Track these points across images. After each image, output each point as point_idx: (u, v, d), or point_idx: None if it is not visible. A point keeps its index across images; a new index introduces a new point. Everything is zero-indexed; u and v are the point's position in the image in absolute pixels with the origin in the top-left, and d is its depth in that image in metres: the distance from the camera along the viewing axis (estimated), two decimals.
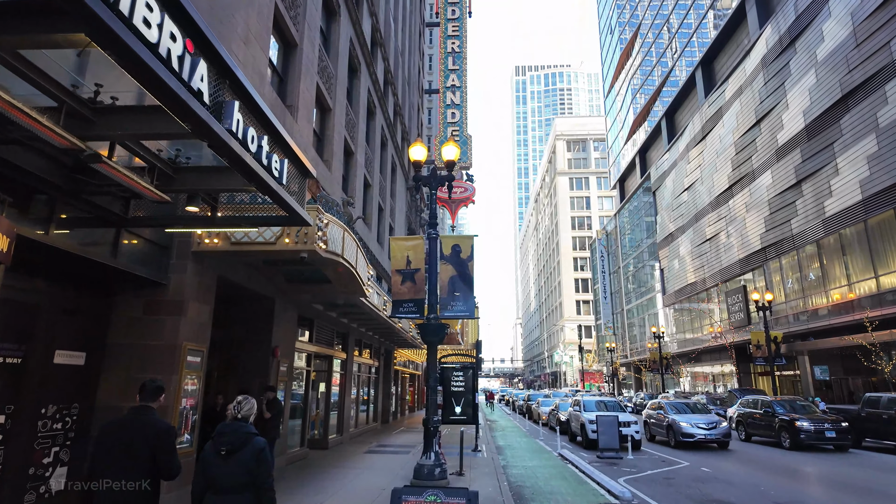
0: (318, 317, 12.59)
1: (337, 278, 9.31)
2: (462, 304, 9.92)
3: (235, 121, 4.05)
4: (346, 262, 8.33)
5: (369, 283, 10.63)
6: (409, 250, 10.10)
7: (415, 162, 10.11)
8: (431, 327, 9.14)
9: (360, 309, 12.26)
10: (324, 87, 13.41)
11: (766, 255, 30.09)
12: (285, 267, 8.98)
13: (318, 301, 11.29)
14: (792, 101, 27.29)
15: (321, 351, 13.07)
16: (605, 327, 61.97)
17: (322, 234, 7.12)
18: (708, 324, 39.41)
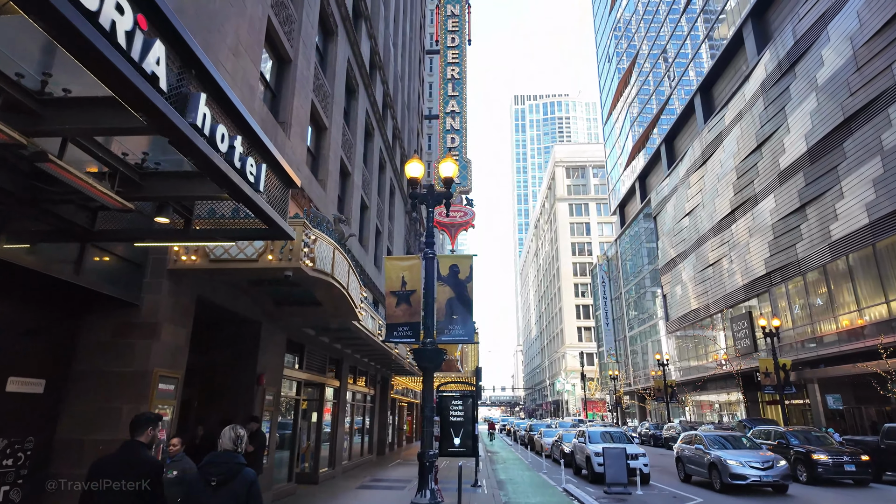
0: (309, 342, 11.99)
1: (328, 300, 8.77)
2: (460, 327, 9.35)
3: (201, 115, 3.58)
4: (336, 282, 7.81)
5: (362, 305, 10.08)
6: (404, 270, 9.57)
7: (411, 179, 9.66)
8: (427, 352, 8.55)
9: (353, 334, 11.67)
10: (319, 105, 13.10)
11: (770, 280, 29.53)
12: (271, 287, 8.44)
13: (308, 325, 10.70)
14: (793, 125, 27.14)
15: (312, 378, 12.42)
16: (608, 354, 60.96)
17: (309, 251, 6.62)
18: (713, 351, 38.59)
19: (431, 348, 8.55)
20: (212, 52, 7.52)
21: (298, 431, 11.76)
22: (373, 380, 19.81)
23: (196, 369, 8.91)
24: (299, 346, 11.64)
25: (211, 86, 3.76)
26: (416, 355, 8.64)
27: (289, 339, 10.73)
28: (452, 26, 43.59)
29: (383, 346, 14.35)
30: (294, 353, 11.57)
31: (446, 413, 12.95)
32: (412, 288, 9.56)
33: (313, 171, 13.23)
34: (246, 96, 8.71)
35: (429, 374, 8.80)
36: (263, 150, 4.68)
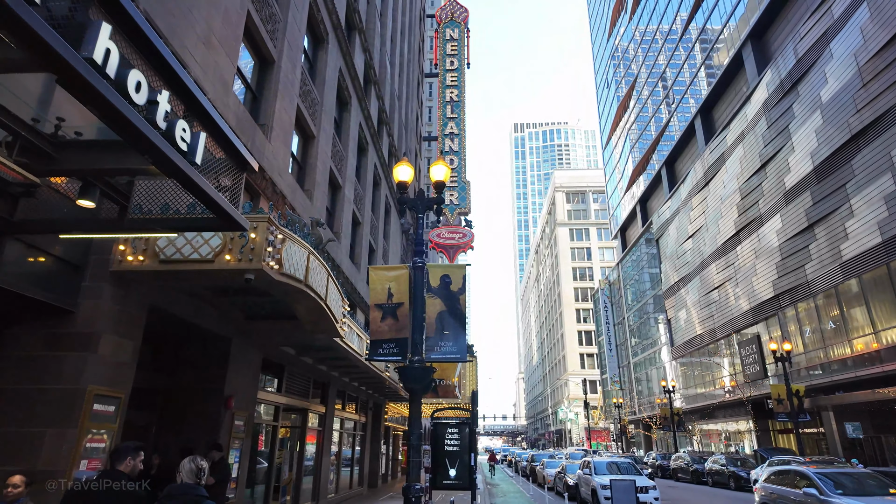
0: (289, 363, 11.04)
1: (304, 313, 7.90)
2: (452, 343, 8.45)
3: (103, 50, 2.81)
4: (310, 292, 6.95)
5: (345, 321, 9.19)
6: (390, 281, 8.73)
7: (400, 183, 8.91)
8: (413, 371, 7.64)
9: (338, 354, 10.74)
10: (306, 112, 12.45)
11: (779, 302, 28.55)
12: (240, 299, 7.58)
13: (287, 343, 9.79)
14: (798, 144, 26.59)
15: (293, 403, 11.43)
16: (612, 382, 59.42)
17: (274, 252, 5.79)
18: (720, 377, 37.31)
19: (418, 367, 7.65)
20: (176, 38, 6.84)
21: (276, 462, 10.72)
22: (364, 406, 18.71)
23: (156, 391, 7.99)
24: (278, 367, 10.70)
25: (122, 18, 2.99)
26: (401, 375, 7.73)
27: (265, 358, 9.80)
28: (451, 50, 43.65)
29: (374, 368, 13.39)
30: (272, 375, 10.62)
31: (441, 442, 11.92)
32: (399, 300, 8.70)
33: (299, 180, 12.50)
34: (219, 92, 8.01)
35: (416, 397, 7.87)
36: (204, 117, 3.89)
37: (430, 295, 8.72)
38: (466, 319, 27.04)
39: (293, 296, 7.03)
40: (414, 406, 7.88)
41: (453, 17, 45.12)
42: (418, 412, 7.88)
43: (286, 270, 6.15)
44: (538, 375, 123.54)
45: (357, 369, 13.25)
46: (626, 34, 61.16)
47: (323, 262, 7.63)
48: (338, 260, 14.30)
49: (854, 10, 22.79)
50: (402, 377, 7.70)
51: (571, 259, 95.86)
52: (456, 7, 45.38)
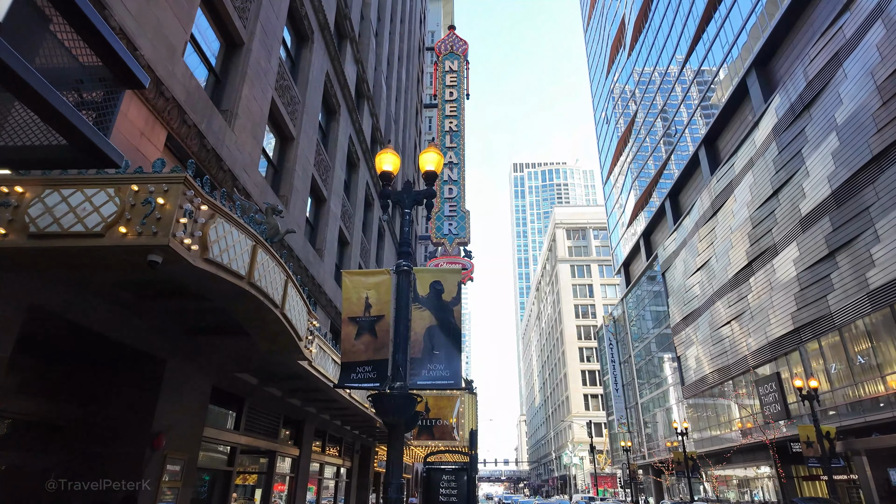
0: (251, 394, 9.25)
1: (255, 325, 6.23)
2: (444, 366, 6.73)
3: None
4: (257, 294, 5.32)
5: (313, 338, 7.49)
6: (368, 289, 7.09)
7: (383, 173, 7.42)
8: (394, 401, 5.90)
9: (309, 383, 8.97)
10: (284, 109, 11.09)
11: (800, 336, 26.67)
12: (171, 303, 5.92)
13: (243, 367, 8.03)
14: (813, 168, 25.34)
15: (256, 443, 9.56)
16: (619, 424, 56.54)
17: (194, 227, 4.19)
18: (736, 419, 34.96)
19: (398, 394, 5.92)
20: None
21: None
22: (349, 449, 16.64)
23: (59, 426, 6.21)
24: (235, 399, 8.90)
25: None
26: (376, 406, 5.99)
27: (217, 387, 8.04)
28: (451, 81, 43.24)
29: (356, 403, 11.54)
30: (227, 408, 8.82)
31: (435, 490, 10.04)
32: (379, 313, 7.05)
33: (273, 183, 11.03)
34: (160, 55, 6.58)
35: (396, 433, 6.11)
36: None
37: (418, 306, 7.08)
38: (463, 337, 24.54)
39: (233, 300, 5.38)
40: (394, 446, 6.12)
41: (452, 49, 44.91)
42: (399, 455, 6.11)
43: (215, 257, 4.53)
44: (540, 418, 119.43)
45: (337, 404, 11.40)
46: (626, 70, 61.31)
47: (279, 260, 6.02)
48: (319, 279, 12.67)
49: (868, 28, 21.94)
50: (378, 408, 5.96)
51: (573, 296, 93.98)
52: (455, 40, 45.26)
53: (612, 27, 66.98)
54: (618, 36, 64.10)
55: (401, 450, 6.19)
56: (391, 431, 6.16)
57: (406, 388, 6.05)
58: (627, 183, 60.19)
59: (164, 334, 6.57)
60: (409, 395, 5.88)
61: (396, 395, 5.83)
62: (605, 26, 70.99)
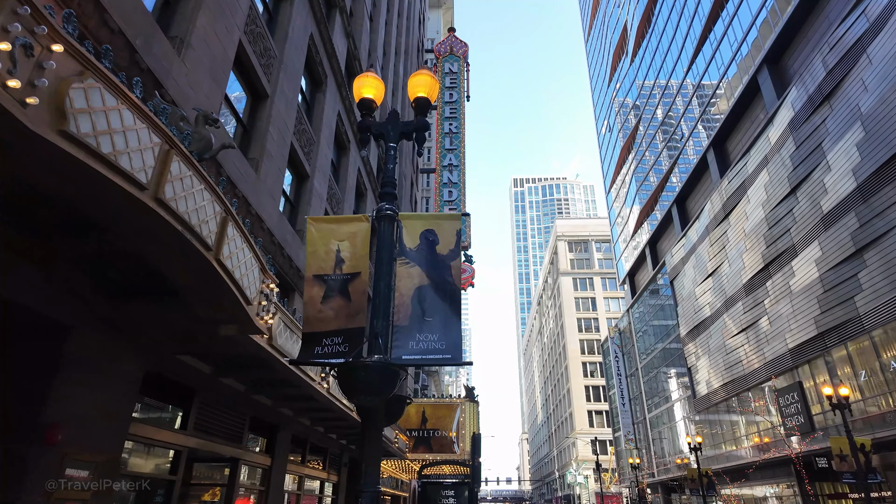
0: (204, 387, 7.55)
1: (187, 279, 4.61)
2: (438, 335, 5.08)
3: None
4: (164, 213, 3.71)
5: (269, 306, 5.84)
6: (340, 240, 5.47)
7: (363, 101, 5.89)
8: (366, 375, 4.24)
9: (274, 373, 7.28)
10: (256, 59, 9.59)
11: (824, 342, 24.90)
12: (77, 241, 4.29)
13: (182, 345, 6.31)
14: (835, 162, 23.85)
15: (212, 448, 7.83)
16: (626, 440, 54.31)
17: (32, 69, 2.60)
18: (753, 432, 32.99)
19: (374, 365, 4.26)
20: None
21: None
22: (336, 461, 14.79)
23: None
24: (182, 391, 7.21)
25: None
26: (341, 380, 4.32)
27: (154, 373, 6.36)
28: (450, 83, 42.21)
29: (341, 405, 9.83)
30: (171, 402, 7.12)
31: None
32: (353, 269, 5.43)
33: (242, 146, 9.47)
34: None
35: (372, 423, 4.45)
36: None
37: (405, 261, 5.45)
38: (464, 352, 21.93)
39: (133, 224, 3.78)
40: (369, 441, 4.45)
41: (452, 51, 43.96)
42: (375, 454, 4.44)
43: (80, 135, 2.93)
44: (543, 435, 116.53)
45: (317, 404, 9.68)
46: (628, 76, 60.38)
47: (214, 187, 4.41)
48: (299, 262, 11.05)
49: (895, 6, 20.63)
50: (345, 385, 4.29)
51: (576, 309, 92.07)
52: (455, 42, 44.31)
53: (613, 35, 66.29)
54: (620, 43, 63.33)
55: (378, 447, 4.52)
56: (365, 421, 4.49)
57: (387, 359, 4.40)
58: (631, 191, 58.83)
59: (73, 295, 4.93)
60: (387, 367, 4.22)
61: (371, 365, 4.17)
62: (606, 35, 70.37)
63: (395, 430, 15.78)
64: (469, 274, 33.77)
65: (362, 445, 4.46)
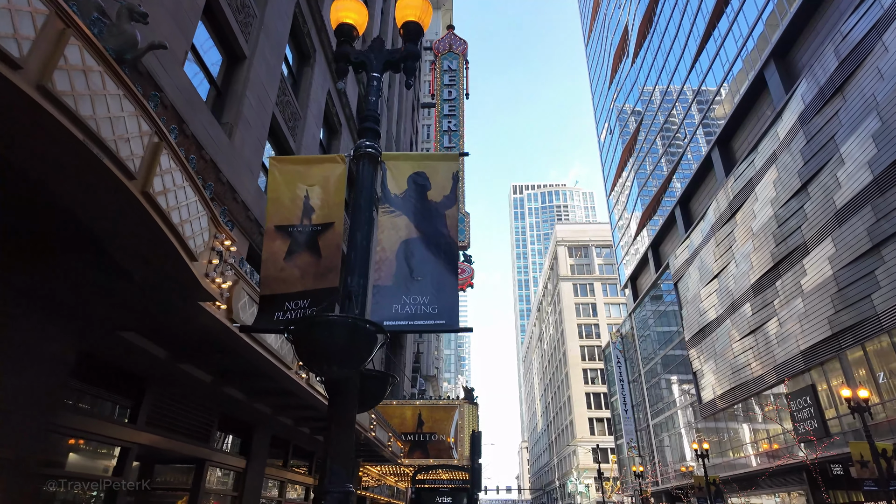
0: (159, 376, 6.50)
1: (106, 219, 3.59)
2: (429, 297, 4.06)
3: None
4: (58, 113, 2.69)
5: (221, 267, 4.80)
6: (309, 185, 4.45)
7: (341, 26, 4.90)
8: (332, 332, 3.18)
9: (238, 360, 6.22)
10: (231, 13, 8.62)
11: (839, 343, 23.84)
12: None
13: (123, 320, 5.26)
14: (849, 154, 22.92)
15: (168, 446, 6.75)
16: (629, 447, 53.01)
17: None
18: (762, 439, 31.84)
19: (342, 321, 3.20)
20: None
21: None
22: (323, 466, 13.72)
23: None
24: (132, 380, 6.15)
25: None
26: (299, 342, 3.26)
27: (90, 354, 5.32)
28: (449, 80, 41.46)
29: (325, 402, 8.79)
30: (116, 391, 6.05)
31: None
32: (325, 219, 4.41)
33: (215, 110, 8.48)
34: None
35: (340, 401, 3.42)
36: None
37: (389, 209, 4.43)
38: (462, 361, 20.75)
39: (15, 121, 2.76)
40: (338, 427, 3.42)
41: (451, 48, 43.24)
42: (345, 445, 3.41)
43: None
44: (543, 443, 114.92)
45: (298, 400, 8.59)
46: (629, 78, 59.68)
47: (141, 100, 3.40)
48: None
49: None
50: (303, 350, 3.24)
51: (576, 315, 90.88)
52: (454, 39, 43.59)
53: (614, 37, 65.71)
54: (620, 45, 62.70)
55: (348, 437, 3.48)
56: (332, 400, 3.46)
57: (358, 318, 3.36)
58: (633, 193, 57.94)
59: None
60: (358, 326, 3.17)
61: (336, 322, 3.12)
62: (606, 38, 69.82)
63: (388, 432, 14.67)
64: (468, 274, 32.74)
65: (327, 433, 3.42)
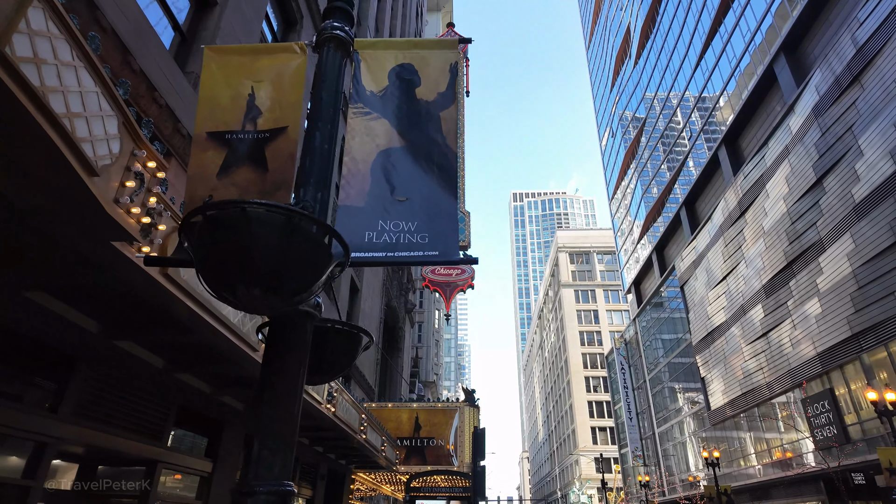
0: (92, 355, 5.31)
1: None
2: (418, 222, 2.90)
3: None
4: None
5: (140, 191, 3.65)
6: (256, 81, 3.29)
7: None
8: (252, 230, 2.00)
9: (189, 334, 5.05)
10: None
11: (859, 344, 22.62)
12: None
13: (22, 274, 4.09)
14: (868, 145, 21.84)
15: (102, 442, 5.55)
16: (633, 456, 51.51)
17: None
18: (776, 447, 30.50)
19: (272, 211, 2.01)
20: None
21: None
22: (309, 472, 12.39)
23: None
24: (58, 359, 4.97)
25: None
26: (196, 241, 2.07)
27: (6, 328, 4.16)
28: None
29: (314, 403, 7.58)
30: (34, 373, 4.88)
31: None
32: (276, 124, 3.24)
33: (179, 58, 7.37)
34: None
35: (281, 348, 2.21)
36: None
37: (362, 110, 3.27)
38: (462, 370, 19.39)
39: None
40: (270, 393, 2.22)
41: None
42: (288, 417, 2.20)
43: None
44: (545, 453, 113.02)
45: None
46: (632, 79, 58.86)
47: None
48: None
49: None
50: (204, 258, 2.07)
51: (578, 322, 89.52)
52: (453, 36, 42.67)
53: (616, 39, 65.02)
54: (622, 47, 61.97)
55: (291, 407, 2.28)
56: (269, 351, 2.29)
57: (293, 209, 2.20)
58: (636, 196, 56.91)
59: None
60: (299, 220, 1.98)
61: (259, 214, 1.94)
62: (608, 40, 69.17)
63: (381, 436, 13.43)
64: (469, 274, 31.51)
65: (256, 405, 2.24)
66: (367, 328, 19.80)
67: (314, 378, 2.92)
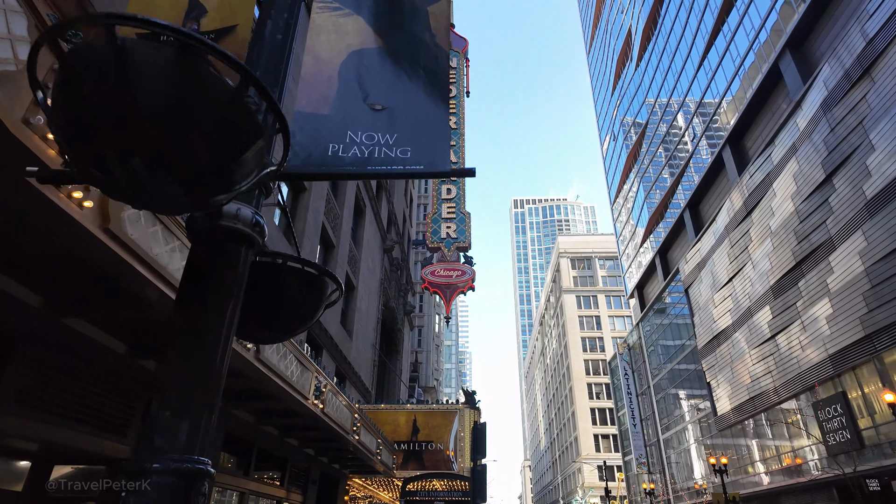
0: (37, 336, 4.66)
1: None
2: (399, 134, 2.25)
3: None
4: None
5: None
6: None
7: None
8: (123, 55, 1.39)
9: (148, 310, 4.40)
10: None
11: (873, 344, 21.87)
12: None
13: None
14: (879, 140, 21.23)
15: (53, 437, 4.90)
16: (638, 464, 50.54)
17: None
18: (786, 452, 29.65)
19: (156, 45, 1.36)
20: None
21: None
22: (299, 476, 11.69)
23: None
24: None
25: None
26: (55, 89, 1.42)
27: None
28: (450, 77, 40.21)
29: (297, 396, 6.92)
30: None
31: None
32: (223, 23, 2.58)
33: None
34: None
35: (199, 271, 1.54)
36: None
37: (330, 4, 2.63)
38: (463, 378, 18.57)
39: None
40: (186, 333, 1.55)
41: (451, 46, 42.01)
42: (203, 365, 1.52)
43: None
44: (547, 461, 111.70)
45: (251, 383, 6.70)
46: (633, 82, 58.48)
47: None
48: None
49: None
50: (61, 110, 1.45)
51: (580, 328, 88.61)
52: (454, 37, 42.36)
53: (617, 42, 64.73)
54: (624, 49, 61.64)
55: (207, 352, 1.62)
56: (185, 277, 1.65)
57: (212, 45, 1.56)
58: (639, 199, 56.32)
59: None
60: (195, 47, 1.35)
61: (137, 45, 1.32)
62: (609, 43, 68.89)
63: (377, 438, 12.72)
64: (469, 276, 30.85)
65: (168, 349, 1.59)
66: (364, 328, 19.05)
67: (264, 334, 2.28)
